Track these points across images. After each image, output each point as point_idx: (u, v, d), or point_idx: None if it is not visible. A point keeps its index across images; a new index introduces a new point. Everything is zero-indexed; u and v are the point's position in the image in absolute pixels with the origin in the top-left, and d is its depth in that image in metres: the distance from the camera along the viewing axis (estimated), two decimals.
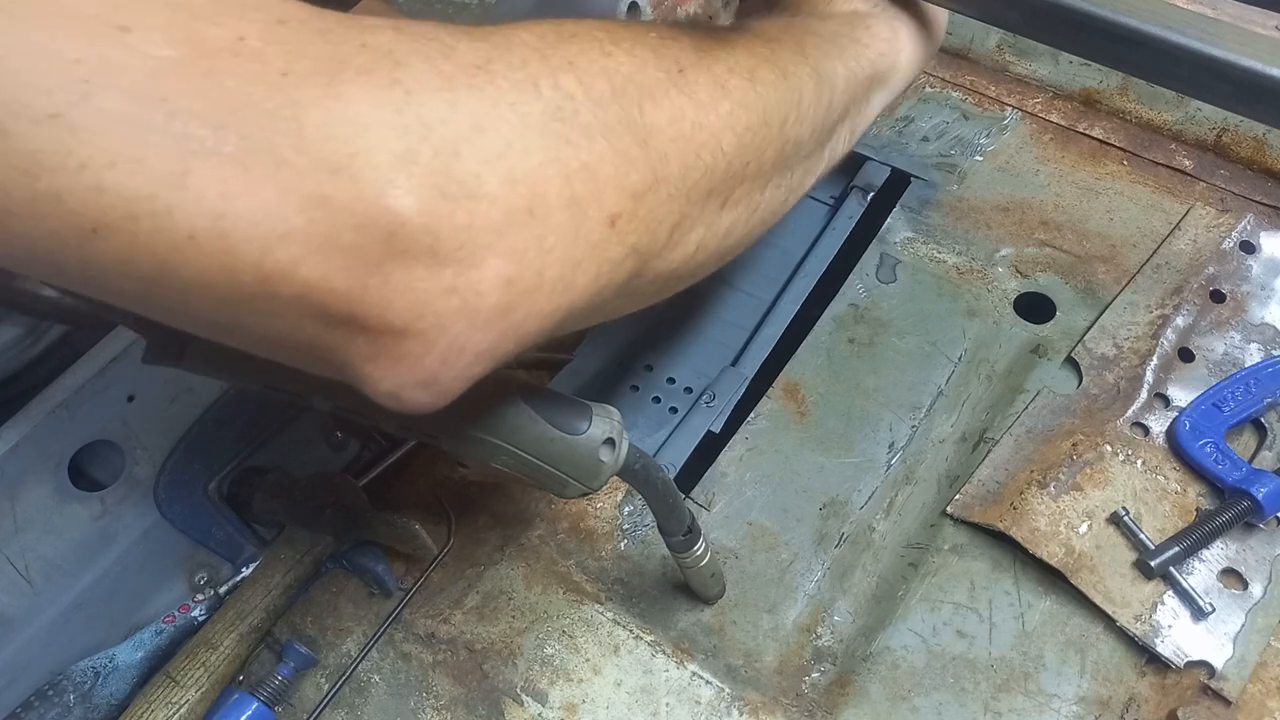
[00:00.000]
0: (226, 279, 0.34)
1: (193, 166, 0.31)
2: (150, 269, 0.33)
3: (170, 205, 0.32)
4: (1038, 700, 0.69)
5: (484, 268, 0.37)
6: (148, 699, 0.71)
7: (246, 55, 0.33)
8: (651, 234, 0.43)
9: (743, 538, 0.78)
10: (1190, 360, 0.83)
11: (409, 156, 0.35)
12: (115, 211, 0.31)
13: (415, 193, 0.35)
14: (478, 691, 0.72)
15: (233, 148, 0.32)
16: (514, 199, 0.37)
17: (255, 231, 0.33)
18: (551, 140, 0.39)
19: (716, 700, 0.70)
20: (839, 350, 0.88)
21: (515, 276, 0.38)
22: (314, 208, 0.33)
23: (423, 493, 0.82)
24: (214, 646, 0.74)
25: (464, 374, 0.39)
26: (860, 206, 0.98)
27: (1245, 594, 0.71)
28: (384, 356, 0.37)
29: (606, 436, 0.55)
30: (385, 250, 0.35)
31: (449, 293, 0.36)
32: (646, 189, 0.42)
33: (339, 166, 0.33)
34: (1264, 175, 0.95)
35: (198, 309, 0.36)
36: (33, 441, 0.64)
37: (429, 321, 0.36)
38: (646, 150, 0.42)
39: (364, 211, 0.34)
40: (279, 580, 0.77)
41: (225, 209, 0.32)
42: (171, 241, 0.32)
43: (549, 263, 0.39)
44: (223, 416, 0.75)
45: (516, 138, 0.38)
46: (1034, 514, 0.75)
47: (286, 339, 0.37)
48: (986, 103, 1.03)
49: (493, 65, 0.38)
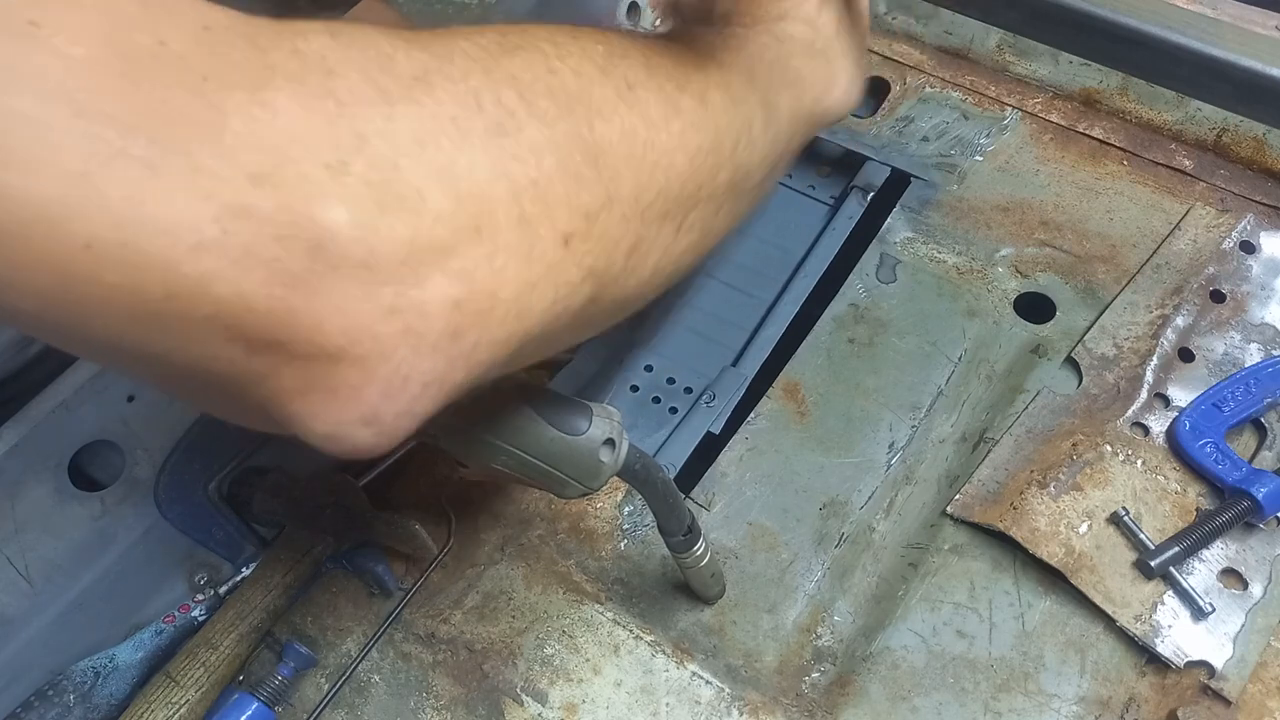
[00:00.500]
0: (131, 295, 0.31)
1: (95, 169, 0.29)
2: (47, 282, 0.30)
3: (69, 212, 0.29)
4: (1038, 700, 0.69)
5: (429, 287, 0.34)
6: (148, 699, 0.71)
7: (167, 59, 0.31)
8: (608, 256, 0.41)
9: (743, 538, 0.78)
10: (1190, 360, 0.83)
11: (340, 168, 0.32)
12: (11, 215, 0.29)
13: (347, 202, 0.32)
14: (478, 691, 0.72)
15: (142, 151, 0.29)
16: (459, 216, 0.35)
17: (162, 241, 0.30)
18: (497, 156, 0.36)
19: (716, 700, 0.70)
20: (839, 350, 0.88)
21: (464, 298, 0.35)
22: (231, 218, 0.30)
23: (423, 493, 0.82)
24: (214, 646, 0.74)
25: (410, 408, 0.35)
26: (860, 206, 0.98)
27: (1245, 594, 0.71)
28: (317, 389, 0.34)
29: (606, 437, 0.56)
30: (313, 264, 0.32)
31: (390, 314, 0.33)
32: (600, 208, 0.40)
33: (262, 176, 0.31)
34: (1264, 175, 0.95)
35: (99, 331, 0.32)
36: (33, 441, 0.64)
37: (368, 346, 0.33)
38: (598, 169, 0.40)
39: (288, 221, 0.31)
40: (279, 580, 0.77)
41: (130, 216, 0.29)
42: (69, 251, 0.29)
43: (502, 284, 0.36)
44: None
45: (459, 153, 0.35)
46: (1034, 514, 0.75)
47: (201, 370, 0.33)
48: (986, 103, 1.03)
49: (431, 77, 0.36)
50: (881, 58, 1.06)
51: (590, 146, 0.40)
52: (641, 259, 0.44)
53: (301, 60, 0.33)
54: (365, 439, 0.35)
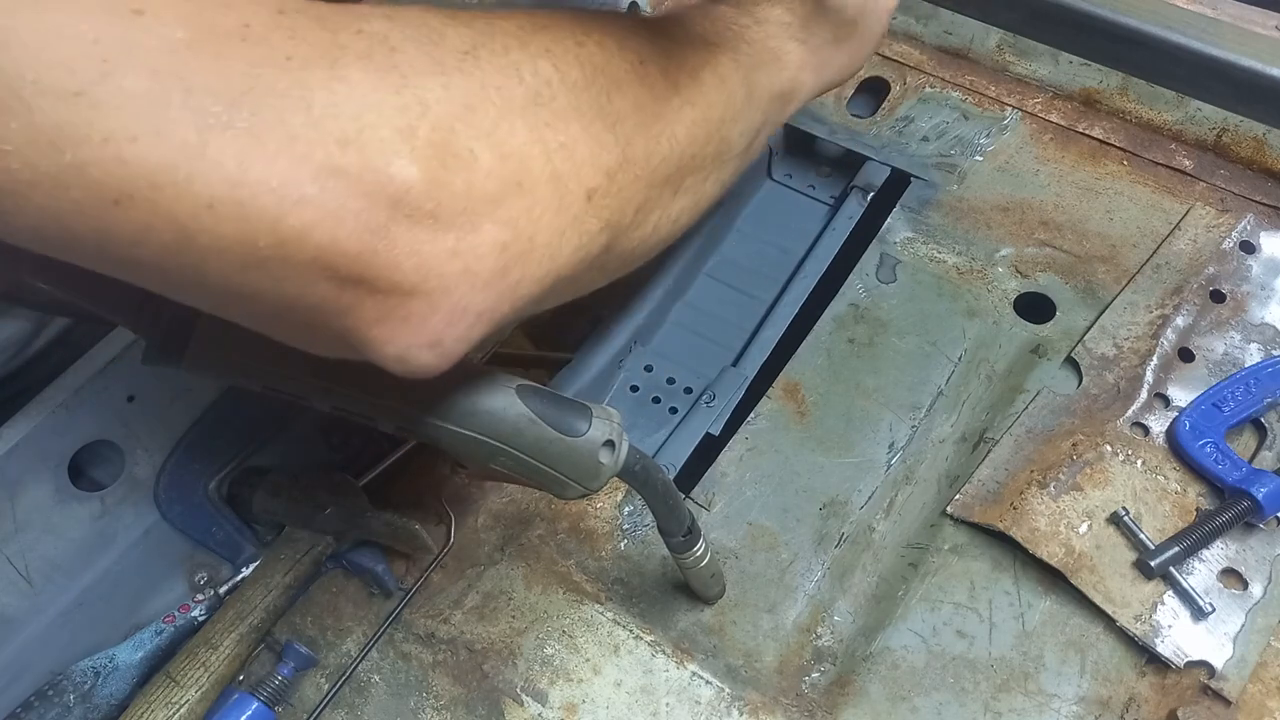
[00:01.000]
0: (243, 244, 0.36)
1: (210, 139, 0.34)
2: (170, 237, 0.35)
3: (190, 175, 0.34)
4: (1038, 700, 0.69)
5: (481, 233, 0.40)
6: (148, 699, 0.71)
7: (253, 40, 0.35)
8: (622, 211, 0.47)
9: (743, 538, 0.78)
10: (1190, 360, 0.83)
11: (410, 131, 0.38)
12: (138, 181, 0.33)
13: (418, 162, 0.37)
14: (478, 691, 0.72)
15: (246, 122, 0.34)
16: (505, 172, 0.40)
17: (271, 198, 0.35)
18: (533, 121, 0.42)
19: (716, 700, 0.70)
20: (839, 350, 0.88)
21: (510, 241, 0.41)
22: (326, 177, 0.36)
23: (423, 493, 0.82)
24: (214, 646, 0.74)
25: (466, 335, 0.41)
26: (860, 206, 0.98)
27: (1245, 594, 0.71)
28: (391, 318, 0.39)
29: (606, 438, 0.55)
30: (392, 215, 0.37)
31: (452, 255, 0.39)
32: (617, 169, 0.46)
33: (348, 140, 0.36)
34: (1264, 175, 0.95)
35: (213, 276, 0.37)
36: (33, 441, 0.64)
37: (434, 283, 0.39)
38: (615, 134, 0.46)
39: (373, 180, 0.36)
40: (279, 580, 0.77)
41: (242, 178, 0.34)
42: (191, 209, 0.34)
43: (538, 230, 0.42)
44: (223, 416, 0.75)
45: (503, 118, 0.41)
46: (1034, 514, 0.75)
47: (298, 303, 0.39)
48: (986, 103, 1.03)
49: (478, 51, 0.42)
50: (881, 58, 1.06)
51: (609, 114, 0.46)
52: (646, 215, 0.50)
53: (367, 39, 0.38)
54: (429, 360, 0.41)
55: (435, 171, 0.38)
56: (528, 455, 0.55)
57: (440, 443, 0.55)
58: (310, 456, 0.83)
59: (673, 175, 0.51)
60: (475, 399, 0.54)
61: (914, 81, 1.05)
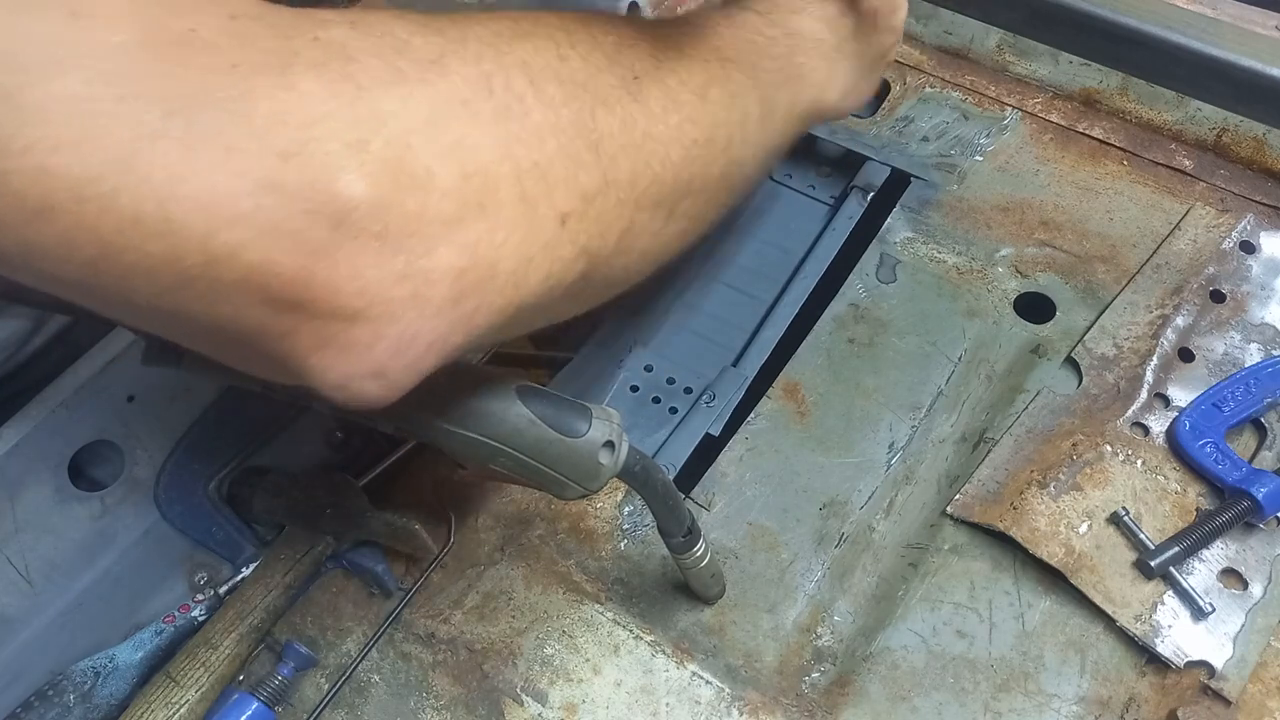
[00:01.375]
0: (171, 262, 0.34)
1: (140, 149, 0.32)
2: (94, 252, 0.33)
3: (116, 188, 0.32)
4: (1038, 700, 0.69)
5: (435, 257, 0.37)
6: (148, 699, 0.71)
7: (198, 46, 0.33)
8: (601, 237, 0.44)
9: (743, 538, 0.78)
10: (1190, 360, 0.83)
11: (360, 146, 0.35)
12: (60, 194, 0.31)
13: (367, 179, 0.35)
14: (478, 691, 0.72)
15: (181, 132, 0.32)
16: (465, 193, 0.38)
17: (202, 215, 0.33)
18: (503, 138, 0.39)
19: (716, 700, 0.70)
20: (839, 350, 0.88)
21: (467, 268, 0.38)
22: (263, 192, 0.33)
23: (423, 493, 0.82)
24: (214, 646, 0.74)
25: (414, 365, 0.39)
26: (860, 206, 0.98)
27: (1245, 594, 0.71)
28: (332, 345, 0.37)
29: (606, 439, 0.55)
30: (334, 234, 0.35)
31: (400, 279, 0.36)
32: (597, 192, 0.43)
33: (290, 153, 0.34)
34: (1264, 175, 0.95)
35: (140, 295, 0.35)
36: (33, 441, 0.64)
37: (380, 309, 0.36)
38: (597, 154, 0.43)
39: (314, 197, 0.34)
40: (279, 580, 0.77)
41: (172, 192, 0.32)
42: (116, 224, 0.32)
43: (501, 256, 0.39)
44: (223, 416, 0.75)
45: (468, 133, 0.38)
46: (1034, 514, 0.75)
47: (230, 327, 0.37)
48: (986, 103, 1.03)
49: (446, 60, 0.39)
50: None
51: (592, 133, 0.43)
52: (632, 242, 0.46)
53: (323, 47, 0.36)
54: (373, 391, 0.39)
55: (385, 190, 0.35)
56: (527, 456, 0.55)
57: (440, 443, 0.55)
58: (310, 456, 0.83)
59: (665, 198, 0.48)
60: (475, 399, 0.54)
61: (914, 81, 1.05)
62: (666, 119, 0.47)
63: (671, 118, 0.47)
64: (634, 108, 0.45)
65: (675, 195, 0.48)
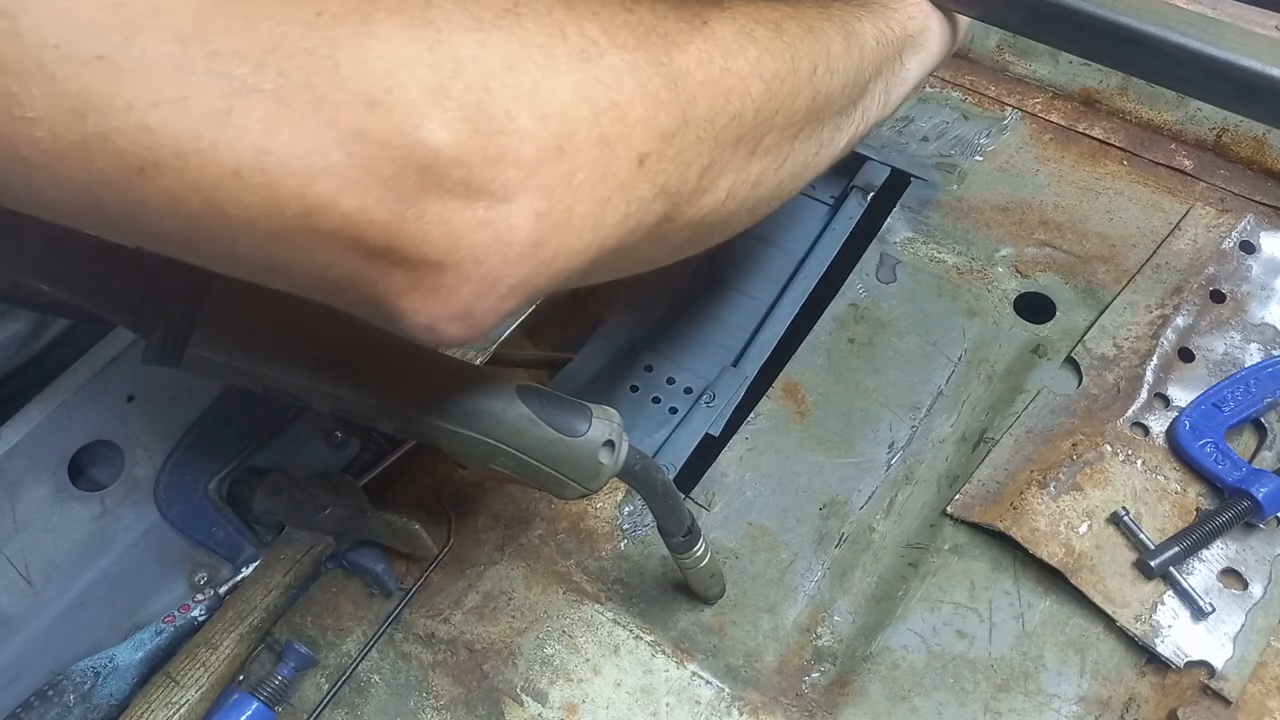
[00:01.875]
0: (270, 213, 0.34)
1: (235, 104, 0.32)
2: (197, 206, 0.34)
3: (215, 142, 0.33)
4: (1038, 700, 0.69)
5: (515, 202, 0.37)
6: (148, 699, 0.71)
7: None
8: (681, 176, 0.44)
9: (743, 538, 0.78)
10: (1190, 360, 0.83)
11: (441, 92, 0.35)
12: (163, 149, 0.32)
13: (449, 126, 0.36)
14: (478, 691, 0.72)
15: (272, 85, 0.33)
16: (544, 135, 0.38)
17: (297, 165, 0.34)
18: (580, 79, 0.39)
19: (716, 700, 0.70)
20: (839, 350, 0.88)
21: (545, 211, 0.38)
22: (353, 142, 0.34)
23: (423, 493, 0.82)
24: (214, 646, 0.74)
25: (497, 307, 0.39)
26: (860, 206, 0.98)
27: (1245, 594, 0.71)
28: (420, 289, 0.38)
29: (606, 439, 0.55)
30: (421, 183, 0.35)
31: (483, 225, 0.37)
32: (675, 130, 0.43)
33: (375, 101, 0.34)
34: (1264, 175, 0.95)
35: (242, 246, 0.36)
36: (33, 441, 0.64)
37: (464, 254, 0.37)
38: (675, 92, 0.43)
39: (400, 145, 0.35)
40: (279, 580, 0.77)
41: (268, 144, 0.33)
42: (217, 177, 0.33)
43: (578, 199, 0.39)
44: (223, 416, 0.75)
45: (545, 76, 0.38)
46: (1034, 514, 0.75)
47: (327, 274, 0.38)
48: (986, 103, 1.03)
49: (520, 9, 0.39)
50: None
51: (668, 71, 0.43)
52: (714, 179, 0.46)
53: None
54: (458, 332, 0.40)
55: (467, 135, 0.36)
56: (528, 455, 0.55)
57: (440, 443, 0.55)
58: (310, 456, 0.83)
59: (747, 134, 0.47)
60: (475, 399, 0.54)
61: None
62: (744, 53, 0.47)
63: (749, 52, 0.47)
64: (707, 45, 0.45)
65: (758, 131, 0.48)
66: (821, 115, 0.53)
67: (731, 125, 0.46)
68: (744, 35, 0.47)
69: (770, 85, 0.48)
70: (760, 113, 0.48)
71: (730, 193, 0.48)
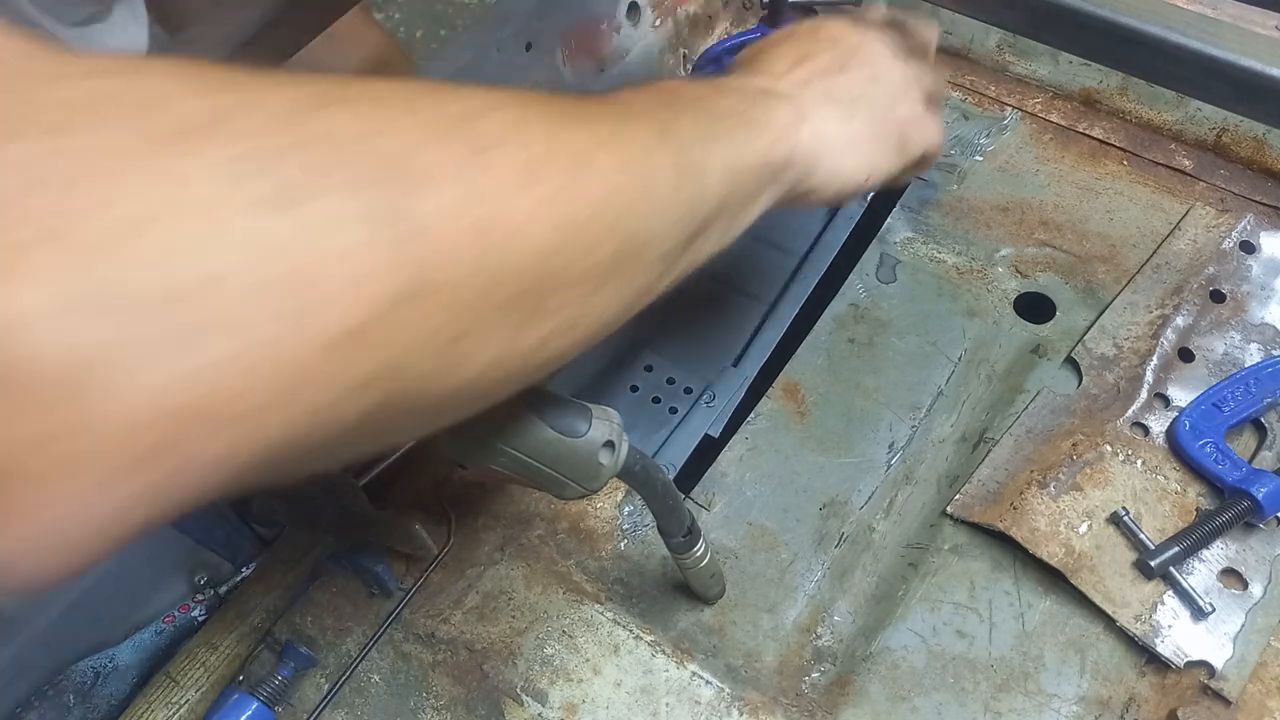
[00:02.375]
0: None
1: None
2: None
3: None
4: (1038, 700, 0.69)
5: (135, 394, 0.26)
6: (148, 699, 0.71)
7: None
8: (413, 353, 0.33)
9: (743, 538, 0.78)
10: (1190, 360, 0.83)
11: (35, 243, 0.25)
12: None
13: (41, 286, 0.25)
14: (478, 691, 0.72)
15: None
16: (184, 309, 0.27)
17: None
18: (259, 234, 0.29)
19: (716, 700, 0.71)
20: (839, 350, 0.88)
21: (184, 407, 0.27)
22: None
23: (423, 493, 0.82)
24: (214, 646, 0.74)
25: (103, 532, 0.29)
26: (860, 206, 0.98)
27: (1245, 594, 0.71)
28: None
29: (606, 439, 0.55)
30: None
31: (44, 439, 0.26)
32: (406, 297, 0.32)
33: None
34: (1264, 175, 0.95)
35: None
36: None
37: (47, 460, 0.26)
38: (410, 247, 0.32)
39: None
40: (279, 580, 0.77)
41: None
42: None
43: (242, 390, 0.28)
44: None
45: (208, 228, 0.28)
46: (1034, 514, 0.75)
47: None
48: (986, 103, 1.03)
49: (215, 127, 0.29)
50: None
51: (406, 221, 0.32)
52: (467, 353, 0.36)
53: None
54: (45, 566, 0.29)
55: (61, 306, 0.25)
56: (527, 456, 0.55)
57: (440, 443, 0.55)
58: None
59: (522, 295, 0.37)
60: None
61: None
62: (522, 198, 0.36)
63: (536, 191, 0.37)
64: (471, 188, 0.35)
65: (540, 288, 0.38)
66: (635, 263, 0.43)
67: (494, 287, 0.35)
68: (527, 174, 0.37)
69: (563, 233, 0.38)
70: (545, 267, 0.38)
71: (493, 365, 0.38)
